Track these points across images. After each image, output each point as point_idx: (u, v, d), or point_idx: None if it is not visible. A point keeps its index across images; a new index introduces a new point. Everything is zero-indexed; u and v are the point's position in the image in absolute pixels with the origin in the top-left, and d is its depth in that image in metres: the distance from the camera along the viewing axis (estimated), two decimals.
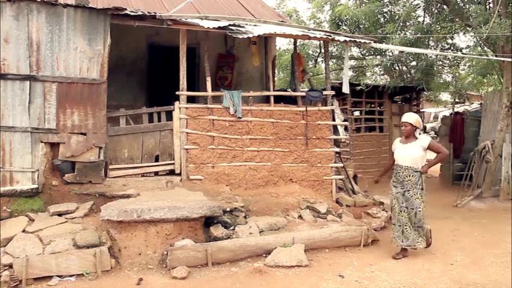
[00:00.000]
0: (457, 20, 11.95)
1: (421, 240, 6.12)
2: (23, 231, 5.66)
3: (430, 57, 13.69)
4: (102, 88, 6.92)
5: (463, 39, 14.20)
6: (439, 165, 13.08)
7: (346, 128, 9.56)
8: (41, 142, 6.61)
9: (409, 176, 6.05)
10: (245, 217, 6.59)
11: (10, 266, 5.02)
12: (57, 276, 5.09)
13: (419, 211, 6.05)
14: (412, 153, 6.05)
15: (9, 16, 6.45)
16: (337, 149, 8.63)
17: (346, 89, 8.52)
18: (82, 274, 5.16)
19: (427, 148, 6.04)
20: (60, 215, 6.17)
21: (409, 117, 6.12)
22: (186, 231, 5.82)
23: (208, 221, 6.08)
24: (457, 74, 16.20)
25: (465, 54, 13.39)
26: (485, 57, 11.78)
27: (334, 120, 8.52)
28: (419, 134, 6.16)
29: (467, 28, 11.65)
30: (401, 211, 6.10)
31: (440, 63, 14.95)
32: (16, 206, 6.36)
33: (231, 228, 6.17)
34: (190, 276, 5.26)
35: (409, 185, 6.05)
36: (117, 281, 5.12)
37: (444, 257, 6.18)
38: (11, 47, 6.47)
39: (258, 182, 7.91)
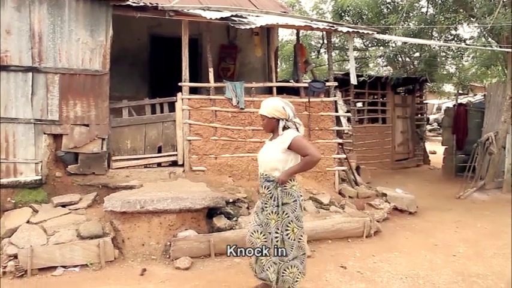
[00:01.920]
0: (461, 10, 11.87)
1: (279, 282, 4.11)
2: (27, 222, 5.68)
3: (434, 48, 13.65)
4: (105, 79, 6.91)
5: (467, 30, 14.11)
6: (441, 155, 13.09)
7: (349, 119, 9.54)
8: (44, 133, 6.62)
9: (263, 186, 4.16)
10: (248, 208, 6.61)
11: (15, 256, 5.05)
12: (61, 266, 5.12)
13: (276, 238, 4.06)
14: (268, 155, 4.16)
15: (11, 7, 6.41)
16: (340, 140, 8.62)
17: (353, 80, 8.55)
18: (86, 265, 5.19)
19: (288, 148, 4.02)
20: (63, 206, 6.18)
21: (264, 107, 4.16)
22: (189, 222, 5.84)
23: (211, 212, 6.10)
24: (460, 65, 16.14)
25: (469, 45, 13.31)
26: (489, 48, 11.70)
27: (337, 111, 8.51)
28: (290, 127, 4.13)
29: (471, 19, 11.57)
30: (254, 231, 4.23)
31: (444, 54, 14.91)
32: (20, 197, 6.37)
33: (234, 219, 6.19)
34: (194, 267, 5.28)
35: (265, 200, 4.17)
36: (121, 271, 5.16)
37: (446, 249, 6.19)
38: (13, 39, 6.44)
39: None
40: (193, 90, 7.91)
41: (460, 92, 16.99)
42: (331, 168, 8.34)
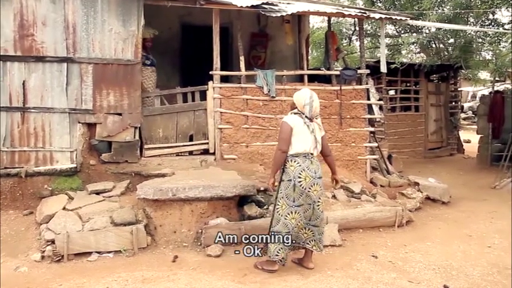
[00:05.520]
0: None
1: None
2: (63, 208, 5.85)
3: (469, 34, 13.25)
4: (137, 69, 7.00)
5: (505, 14, 13.59)
6: (476, 144, 12.76)
7: (381, 107, 9.40)
8: (79, 122, 6.77)
9: None
10: None
11: (52, 241, 5.21)
12: (96, 252, 5.25)
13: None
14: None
15: None
16: (372, 129, 8.51)
17: (383, 68, 8.43)
18: (119, 251, 5.30)
19: None
20: (97, 193, 6.32)
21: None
22: (220, 210, 5.89)
23: (242, 200, 6.12)
24: (497, 51, 15.64)
25: (507, 30, 12.88)
26: None
27: (368, 99, 8.39)
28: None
29: (511, 2, 11.19)
30: None
31: (480, 40, 14.46)
32: (56, 184, 6.58)
33: (265, 207, 6.20)
34: (225, 254, 5.32)
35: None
36: (153, 258, 5.25)
37: (481, 239, 6.06)
38: (48, 30, 6.60)
39: None
40: (224, 79, 7.92)
41: (497, 79, 16.52)
42: (362, 156, 8.25)
